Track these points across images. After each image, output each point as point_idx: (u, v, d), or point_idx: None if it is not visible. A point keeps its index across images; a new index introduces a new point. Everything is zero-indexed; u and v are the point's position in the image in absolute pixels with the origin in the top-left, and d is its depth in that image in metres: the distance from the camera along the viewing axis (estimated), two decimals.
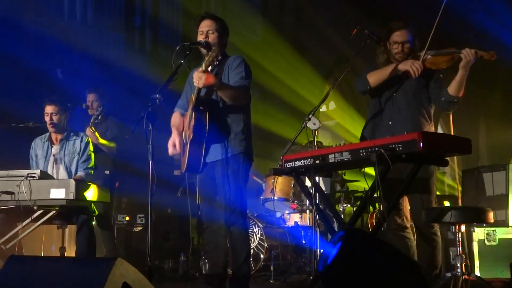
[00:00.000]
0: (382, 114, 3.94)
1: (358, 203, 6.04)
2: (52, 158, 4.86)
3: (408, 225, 3.84)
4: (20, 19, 6.99)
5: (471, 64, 3.57)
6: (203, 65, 3.65)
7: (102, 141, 5.49)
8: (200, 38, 3.86)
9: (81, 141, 4.90)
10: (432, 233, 3.81)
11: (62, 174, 4.80)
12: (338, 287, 2.28)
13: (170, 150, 3.91)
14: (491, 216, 3.52)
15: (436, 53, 3.75)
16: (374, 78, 3.88)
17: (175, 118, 4.05)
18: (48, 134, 4.96)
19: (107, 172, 5.56)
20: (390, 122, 3.87)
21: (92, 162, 4.98)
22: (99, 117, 5.60)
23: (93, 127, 5.40)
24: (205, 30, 3.87)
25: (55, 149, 4.89)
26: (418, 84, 3.83)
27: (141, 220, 6.61)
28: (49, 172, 4.73)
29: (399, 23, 3.90)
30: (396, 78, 3.87)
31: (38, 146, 4.94)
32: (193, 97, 3.80)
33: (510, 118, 9.23)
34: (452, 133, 4.19)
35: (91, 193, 4.23)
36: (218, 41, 3.87)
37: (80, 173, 4.81)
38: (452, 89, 3.69)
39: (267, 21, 8.81)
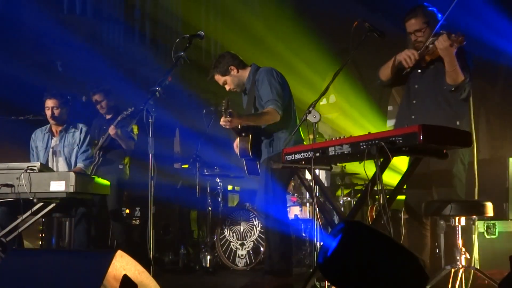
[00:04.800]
0: (406, 108, 3.90)
1: (358, 196, 6.04)
2: (51, 150, 4.86)
3: (427, 222, 3.84)
4: (20, 11, 6.97)
5: (452, 50, 3.48)
6: (223, 114, 3.77)
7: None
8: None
9: (81, 132, 4.90)
10: (431, 226, 3.81)
11: (62, 165, 4.81)
12: (338, 279, 2.28)
13: (236, 150, 4.07)
14: (490, 209, 3.52)
15: (432, 41, 3.69)
16: (381, 72, 3.93)
17: None
18: (48, 126, 4.96)
19: (120, 166, 5.51)
20: (413, 117, 3.80)
21: (92, 153, 4.97)
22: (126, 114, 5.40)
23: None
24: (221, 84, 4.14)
25: (54, 141, 4.89)
26: (435, 73, 3.77)
27: (141, 213, 6.60)
28: (49, 163, 4.73)
29: (410, 12, 3.81)
30: (414, 72, 3.83)
31: (38, 138, 4.94)
32: None
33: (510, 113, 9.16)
34: None
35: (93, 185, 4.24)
36: (233, 79, 4.11)
37: (80, 164, 4.81)
38: (447, 78, 3.67)
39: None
